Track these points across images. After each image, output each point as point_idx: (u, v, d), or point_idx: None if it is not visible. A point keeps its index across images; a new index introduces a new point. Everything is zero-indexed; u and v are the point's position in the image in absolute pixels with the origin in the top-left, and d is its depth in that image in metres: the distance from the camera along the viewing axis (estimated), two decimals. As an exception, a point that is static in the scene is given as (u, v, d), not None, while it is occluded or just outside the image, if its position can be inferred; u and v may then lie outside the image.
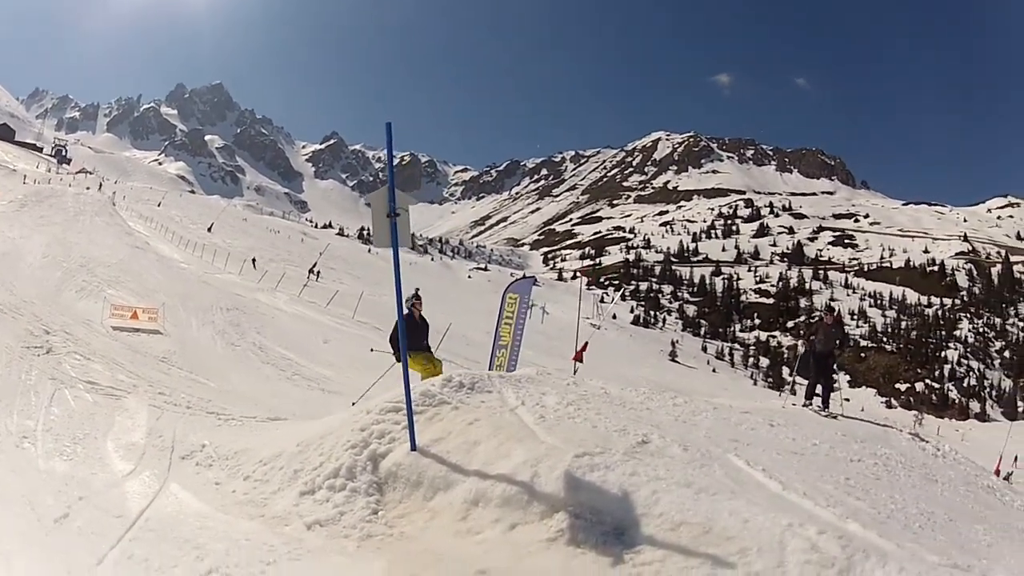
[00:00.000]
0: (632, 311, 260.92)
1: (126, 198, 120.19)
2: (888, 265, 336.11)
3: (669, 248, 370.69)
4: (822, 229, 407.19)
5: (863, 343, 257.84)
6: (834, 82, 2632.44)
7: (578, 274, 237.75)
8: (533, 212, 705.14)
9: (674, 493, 7.91)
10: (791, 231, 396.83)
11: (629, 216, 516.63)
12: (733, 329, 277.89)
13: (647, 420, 11.53)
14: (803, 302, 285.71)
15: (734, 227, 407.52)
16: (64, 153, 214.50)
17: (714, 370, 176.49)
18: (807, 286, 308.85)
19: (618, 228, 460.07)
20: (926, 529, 9.67)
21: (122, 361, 21.80)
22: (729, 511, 7.65)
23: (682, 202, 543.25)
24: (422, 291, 17.32)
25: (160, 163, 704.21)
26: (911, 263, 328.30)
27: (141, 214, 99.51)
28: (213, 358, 28.12)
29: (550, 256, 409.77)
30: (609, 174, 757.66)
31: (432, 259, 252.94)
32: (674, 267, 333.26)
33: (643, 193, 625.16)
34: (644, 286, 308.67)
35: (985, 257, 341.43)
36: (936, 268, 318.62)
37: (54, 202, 72.20)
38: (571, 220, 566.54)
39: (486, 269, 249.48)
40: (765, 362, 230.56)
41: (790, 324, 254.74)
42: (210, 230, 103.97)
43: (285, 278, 65.74)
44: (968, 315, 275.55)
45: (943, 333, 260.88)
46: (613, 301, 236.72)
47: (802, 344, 20.36)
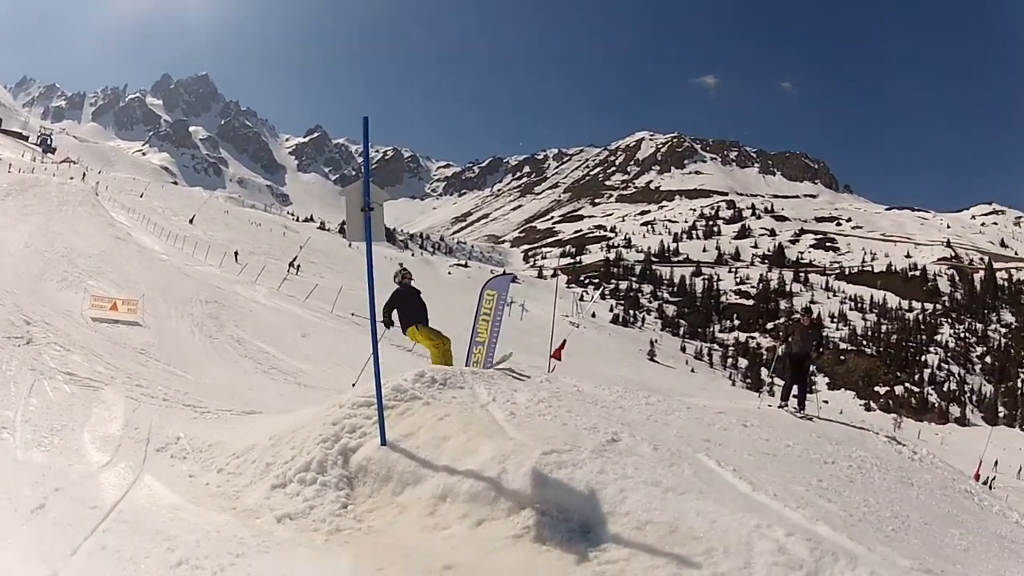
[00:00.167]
0: (611, 310, 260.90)
1: (109, 188, 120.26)
2: (869, 269, 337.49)
3: (650, 248, 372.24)
4: (804, 232, 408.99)
5: (843, 346, 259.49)
6: (820, 86, 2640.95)
7: (557, 272, 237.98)
8: (515, 209, 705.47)
9: (641, 492, 7.87)
10: (772, 233, 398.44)
11: (611, 215, 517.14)
12: (712, 329, 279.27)
13: (618, 418, 11.49)
14: (783, 304, 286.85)
15: (715, 228, 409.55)
16: (49, 142, 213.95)
17: (692, 370, 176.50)
18: (787, 288, 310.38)
19: (599, 227, 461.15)
20: (899, 532, 9.66)
21: (101, 352, 21.77)
22: (696, 511, 7.59)
23: (664, 202, 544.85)
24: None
25: (144, 154, 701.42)
26: (893, 267, 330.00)
27: (124, 205, 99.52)
28: (191, 351, 28.09)
29: (531, 254, 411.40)
30: (592, 173, 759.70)
31: (412, 255, 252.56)
32: (654, 267, 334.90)
33: (625, 192, 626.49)
34: (624, 285, 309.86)
35: (968, 263, 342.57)
36: (918, 273, 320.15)
37: (38, 191, 71.97)
38: (552, 218, 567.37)
39: (466, 266, 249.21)
40: (744, 363, 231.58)
41: (769, 325, 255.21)
42: (192, 222, 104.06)
43: (265, 271, 65.73)
44: (949, 320, 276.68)
45: (923, 337, 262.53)
46: (593, 300, 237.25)
47: (779, 346, 19.96)
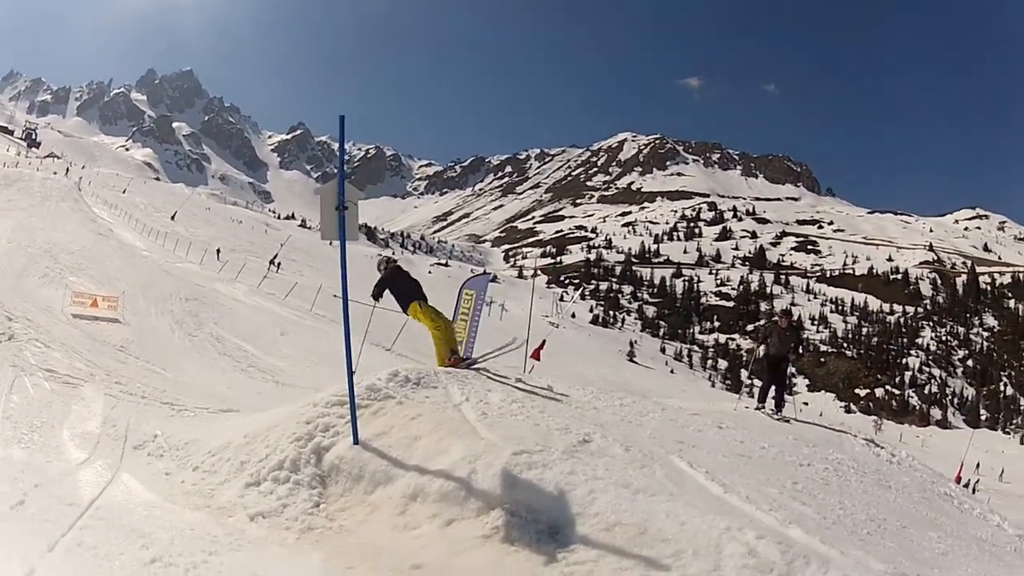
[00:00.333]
0: (591, 310, 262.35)
1: (92, 184, 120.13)
2: (851, 272, 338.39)
3: (630, 249, 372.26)
4: (785, 234, 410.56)
5: (823, 348, 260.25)
6: (804, 89, 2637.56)
7: (536, 272, 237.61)
8: (496, 209, 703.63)
9: (611, 493, 7.85)
10: (754, 235, 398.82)
11: (592, 216, 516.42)
12: (692, 331, 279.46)
13: (592, 419, 11.49)
14: (763, 306, 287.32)
15: (696, 230, 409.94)
16: (34, 137, 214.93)
17: (672, 371, 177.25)
18: (768, 290, 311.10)
19: (580, 227, 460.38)
20: (875, 536, 9.62)
21: (81, 349, 21.91)
22: (666, 513, 7.56)
23: (645, 203, 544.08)
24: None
25: (127, 149, 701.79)
26: (874, 271, 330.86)
27: (106, 200, 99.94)
28: (170, 348, 28.13)
29: (511, 253, 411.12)
30: (573, 173, 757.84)
31: (393, 253, 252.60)
32: (635, 268, 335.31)
33: (607, 193, 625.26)
34: (604, 286, 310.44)
35: (950, 267, 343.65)
36: (900, 276, 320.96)
37: (22, 186, 72.16)
38: (533, 218, 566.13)
39: (447, 265, 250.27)
40: (724, 364, 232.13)
41: (750, 327, 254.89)
42: (173, 218, 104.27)
43: (245, 269, 65.82)
44: (931, 323, 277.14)
45: (904, 340, 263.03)
46: (572, 300, 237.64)
47: (758, 347, 19.90)
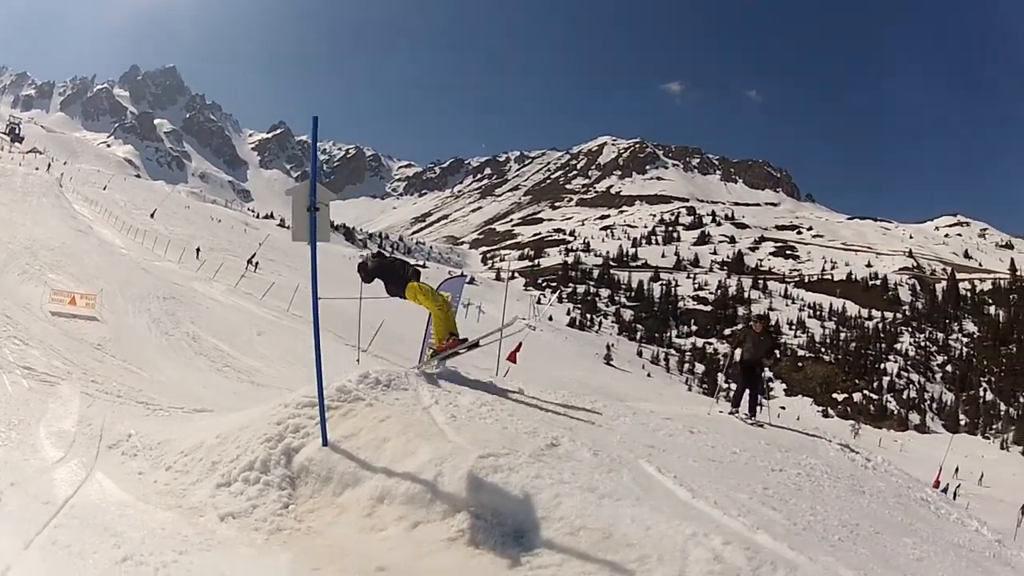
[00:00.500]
0: (568, 313, 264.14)
1: (73, 180, 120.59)
2: (829, 277, 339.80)
3: (608, 252, 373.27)
4: (764, 239, 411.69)
5: (801, 353, 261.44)
6: (786, 96, 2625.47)
7: (513, 274, 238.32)
8: (474, 211, 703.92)
9: (576, 497, 7.80)
10: (732, 240, 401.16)
11: (570, 219, 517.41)
12: (669, 335, 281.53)
13: (561, 423, 11.48)
14: (741, 310, 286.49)
15: (675, 234, 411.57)
16: (18, 132, 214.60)
17: (649, 375, 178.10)
18: (746, 295, 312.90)
19: (558, 230, 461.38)
20: (846, 542, 9.59)
21: (59, 347, 21.94)
22: (631, 517, 7.51)
23: (624, 207, 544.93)
24: (357, 285, 17.15)
25: (109, 145, 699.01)
26: (853, 276, 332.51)
27: (87, 197, 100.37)
28: (147, 347, 28.08)
29: (489, 255, 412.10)
30: (553, 176, 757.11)
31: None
32: (612, 271, 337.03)
33: (586, 197, 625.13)
34: (582, 289, 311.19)
35: (930, 273, 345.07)
36: (878, 282, 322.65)
37: (3, 182, 72.36)
38: (512, 220, 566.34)
39: (424, 266, 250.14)
40: (701, 368, 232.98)
41: (727, 332, 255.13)
42: (153, 216, 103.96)
43: (224, 268, 65.81)
44: (910, 329, 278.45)
45: (883, 346, 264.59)
46: (550, 303, 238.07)
47: (732, 350, 19.86)
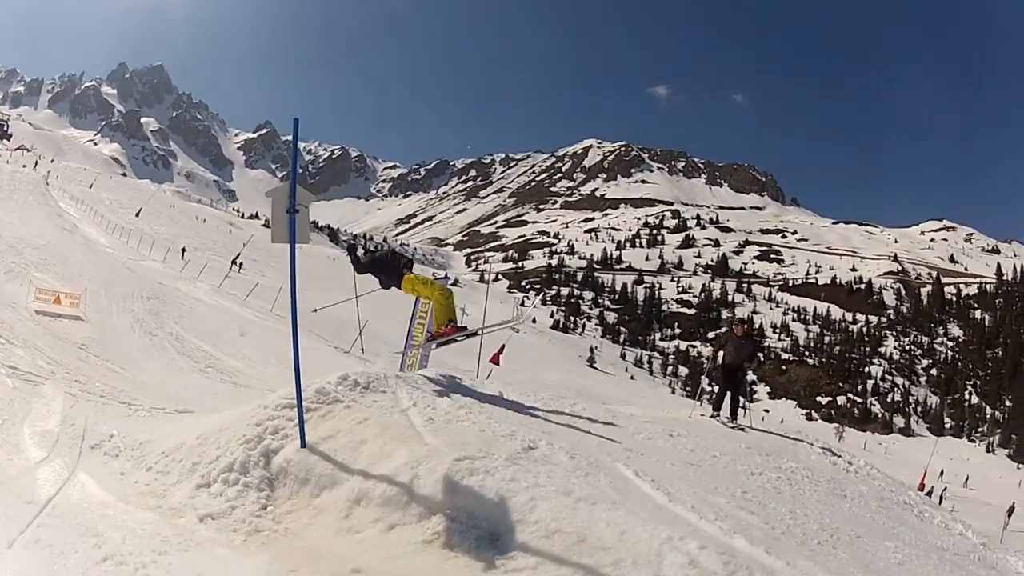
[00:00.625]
0: (552, 316, 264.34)
1: (59, 178, 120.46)
2: (813, 281, 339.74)
3: (593, 255, 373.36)
4: (748, 243, 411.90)
5: (785, 356, 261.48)
6: (773, 100, 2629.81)
7: (497, 276, 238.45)
8: (459, 213, 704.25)
9: (552, 501, 7.77)
10: (716, 244, 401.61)
11: (555, 221, 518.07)
12: (653, 338, 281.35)
13: (539, 426, 11.45)
14: (725, 314, 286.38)
15: (659, 237, 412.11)
16: (6, 128, 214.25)
17: (632, 377, 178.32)
18: (730, 298, 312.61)
19: (543, 233, 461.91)
20: (826, 546, 9.53)
21: (43, 346, 22.06)
22: (607, 521, 7.48)
23: (609, 210, 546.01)
24: (341, 286, 17.10)
25: (95, 144, 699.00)
26: (837, 280, 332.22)
27: (73, 195, 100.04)
28: (130, 347, 28.13)
29: (473, 257, 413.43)
30: (538, 178, 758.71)
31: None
32: (596, 274, 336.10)
33: (570, 199, 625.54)
34: (565, 291, 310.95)
35: (915, 278, 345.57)
36: (863, 286, 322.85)
37: (-9, 179, 71.91)
38: (496, 223, 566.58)
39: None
40: (684, 371, 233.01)
41: (711, 335, 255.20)
42: (138, 215, 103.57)
43: (208, 268, 65.81)
44: (894, 333, 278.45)
45: (867, 349, 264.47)
46: (533, 305, 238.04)
47: (715, 353, 19.77)
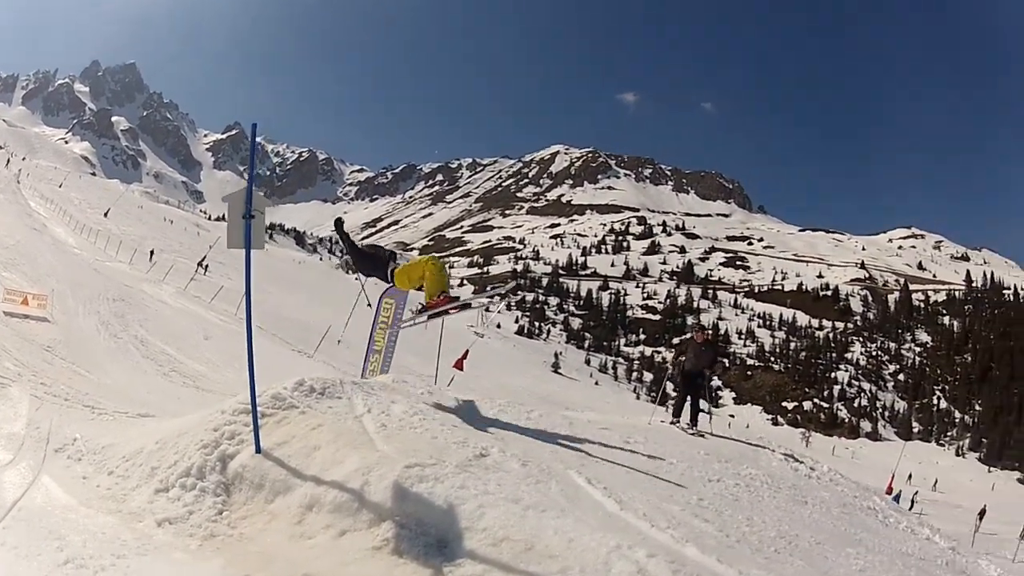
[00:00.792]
0: (517, 321, 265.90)
1: (30, 176, 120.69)
2: (779, 288, 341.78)
3: (558, 261, 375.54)
4: (714, 250, 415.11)
5: (750, 362, 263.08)
6: (741, 109, 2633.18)
7: (463, 281, 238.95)
8: (425, 217, 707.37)
9: (500, 508, 7.75)
10: (682, 250, 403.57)
11: (520, 227, 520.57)
12: (618, 343, 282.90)
13: (493, 433, 11.43)
14: (690, 320, 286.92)
15: (625, 243, 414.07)
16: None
17: (596, 383, 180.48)
18: (695, 304, 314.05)
19: (508, 238, 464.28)
20: (783, 554, 9.56)
21: (9, 348, 21.86)
22: (555, 529, 7.44)
23: (575, 216, 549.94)
24: (307, 289, 17.05)
25: (67, 142, 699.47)
26: (804, 287, 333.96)
27: (43, 194, 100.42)
28: (95, 349, 28.01)
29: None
30: (504, 184, 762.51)
31: (320, 258, 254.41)
32: (562, 280, 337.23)
33: (536, 205, 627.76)
34: (530, 297, 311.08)
35: (882, 285, 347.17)
36: (829, 293, 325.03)
37: (-37, 179, 71.73)
38: (462, 227, 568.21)
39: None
40: (649, 377, 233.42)
41: (676, 340, 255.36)
42: (106, 215, 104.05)
43: (174, 270, 65.67)
44: (861, 339, 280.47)
45: (833, 355, 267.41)
46: (498, 310, 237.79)
47: (678, 359, 19.75)
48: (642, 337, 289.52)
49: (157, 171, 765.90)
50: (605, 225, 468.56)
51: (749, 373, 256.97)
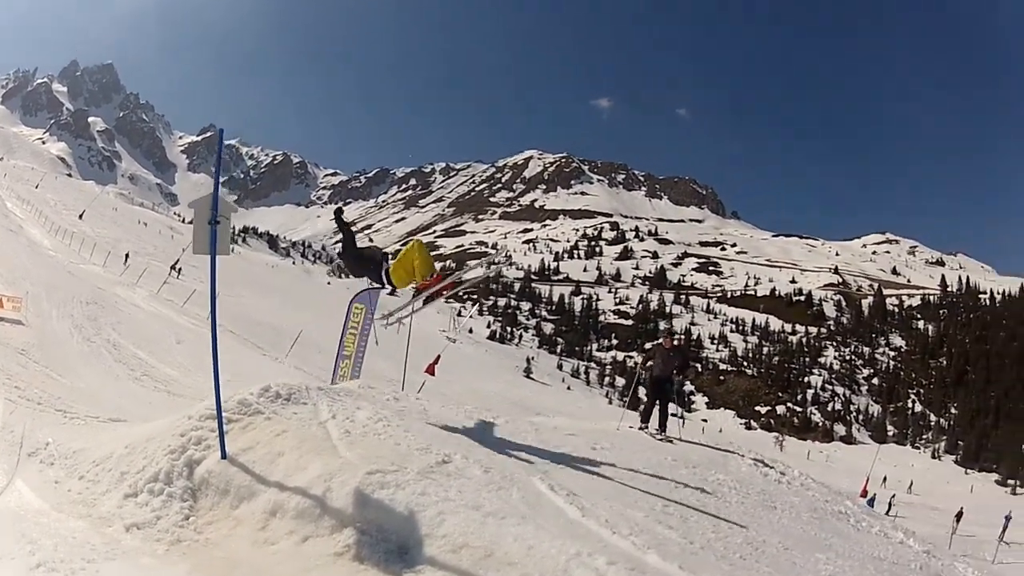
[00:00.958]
0: (489, 326, 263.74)
1: (7, 177, 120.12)
2: (752, 293, 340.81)
3: (530, 266, 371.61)
4: (687, 255, 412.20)
5: (723, 367, 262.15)
6: (716, 115, 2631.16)
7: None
8: (398, 221, 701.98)
9: (461, 515, 7.85)
10: (655, 256, 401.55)
11: (493, 232, 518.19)
12: (590, 348, 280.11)
13: (457, 440, 11.48)
14: (662, 325, 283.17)
15: (598, 249, 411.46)
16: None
17: (569, 388, 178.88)
18: (667, 309, 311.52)
19: (481, 243, 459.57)
20: (749, 560, 9.53)
21: (-15, 351, 21.90)
22: (515, 536, 7.55)
23: (548, 221, 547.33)
24: (280, 293, 17.01)
25: (44, 142, 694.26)
26: (777, 292, 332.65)
27: (19, 195, 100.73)
28: (69, 353, 27.67)
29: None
30: (477, 188, 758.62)
31: (293, 262, 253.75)
32: (534, 284, 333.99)
33: (509, 210, 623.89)
34: (503, 302, 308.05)
35: (856, 290, 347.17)
36: (803, 298, 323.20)
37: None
38: (435, 232, 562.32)
39: (346, 276, 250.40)
40: (621, 382, 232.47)
41: (648, 345, 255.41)
42: (81, 217, 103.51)
43: (147, 273, 65.11)
44: (834, 343, 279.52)
45: (807, 359, 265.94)
46: (470, 315, 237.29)
47: (642, 367, 19.79)
48: (614, 342, 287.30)
49: (132, 173, 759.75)
50: (578, 230, 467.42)
51: (722, 378, 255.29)
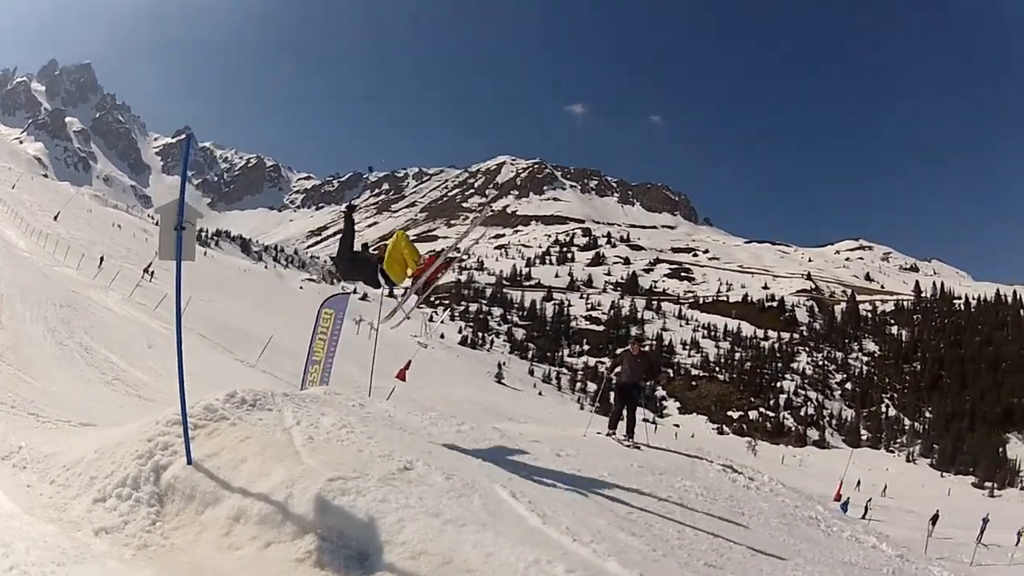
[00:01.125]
0: (460, 331, 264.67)
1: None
2: (725, 299, 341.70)
3: (502, 271, 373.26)
4: (659, 261, 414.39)
5: (695, 372, 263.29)
6: (690, 122, 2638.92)
7: (406, 291, 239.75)
8: (370, 226, 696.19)
9: (420, 522, 7.79)
10: (627, 261, 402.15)
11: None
12: (561, 354, 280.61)
13: (421, 446, 11.37)
14: (634, 330, 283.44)
15: (569, 255, 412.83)
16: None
17: (540, 393, 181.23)
18: (639, 315, 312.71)
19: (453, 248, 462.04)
20: (714, 568, 9.52)
21: (-41, 354, 21.98)
22: (473, 543, 7.47)
23: (520, 227, 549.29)
24: (252, 298, 17.11)
25: (21, 142, 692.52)
26: (749, 298, 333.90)
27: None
28: (42, 356, 27.76)
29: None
30: (450, 194, 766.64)
31: (265, 266, 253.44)
32: (505, 290, 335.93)
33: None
34: (474, 307, 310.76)
35: (829, 296, 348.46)
36: (775, 303, 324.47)
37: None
38: (408, 237, 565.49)
39: (319, 281, 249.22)
40: (593, 387, 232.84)
41: (619, 351, 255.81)
42: (56, 219, 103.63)
43: (120, 276, 65.08)
44: (807, 349, 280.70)
45: (779, 365, 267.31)
46: (442, 320, 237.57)
47: (610, 373, 19.86)
48: (586, 348, 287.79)
49: (107, 174, 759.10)
50: (550, 236, 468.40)
51: (694, 383, 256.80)
